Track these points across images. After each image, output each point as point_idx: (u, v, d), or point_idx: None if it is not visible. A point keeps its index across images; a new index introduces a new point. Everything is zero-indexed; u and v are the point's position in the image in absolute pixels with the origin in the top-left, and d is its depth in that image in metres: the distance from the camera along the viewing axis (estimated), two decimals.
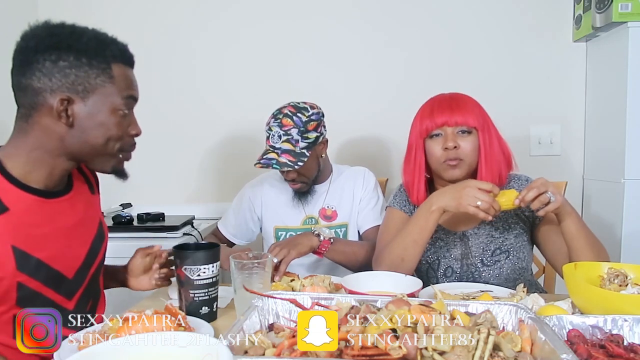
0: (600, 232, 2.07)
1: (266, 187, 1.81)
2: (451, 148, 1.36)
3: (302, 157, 1.57)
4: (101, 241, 1.20)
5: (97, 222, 1.21)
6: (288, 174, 1.64)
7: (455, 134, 1.38)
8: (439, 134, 1.39)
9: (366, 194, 1.74)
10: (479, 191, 1.24)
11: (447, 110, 1.39)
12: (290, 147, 1.57)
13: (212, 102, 2.40)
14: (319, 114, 1.65)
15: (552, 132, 2.28)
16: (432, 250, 1.46)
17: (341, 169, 1.82)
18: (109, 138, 1.04)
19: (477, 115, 1.39)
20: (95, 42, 1.03)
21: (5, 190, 0.98)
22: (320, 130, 1.65)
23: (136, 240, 1.97)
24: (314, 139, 1.61)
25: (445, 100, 1.42)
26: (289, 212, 1.76)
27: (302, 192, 1.72)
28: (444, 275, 1.44)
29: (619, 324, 0.87)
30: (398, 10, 2.30)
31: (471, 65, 2.28)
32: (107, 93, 1.02)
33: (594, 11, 2.03)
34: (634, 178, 1.92)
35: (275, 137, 1.59)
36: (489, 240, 1.43)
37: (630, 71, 1.90)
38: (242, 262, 1.11)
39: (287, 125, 1.58)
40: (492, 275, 1.41)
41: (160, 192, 2.43)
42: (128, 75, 1.09)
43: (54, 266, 1.04)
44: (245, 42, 2.37)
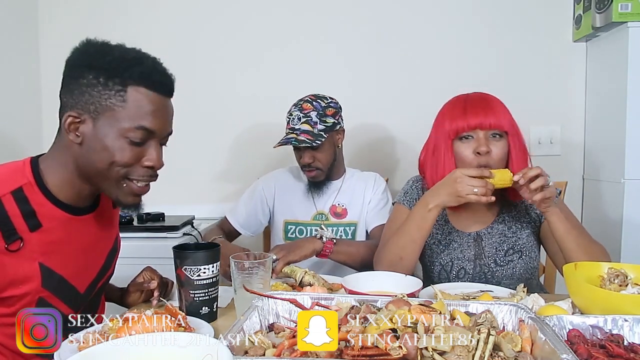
0: (600, 232, 2.08)
1: (280, 180, 1.86)
2: (484, 153, 1.31)
3: (319, 138, 1.66)
4: (114, 255, 1.20)
5: (114, 237, 1.21)
6: (305, 157, 1.70)
7: (487, 138, 1.33)
8: (470, 136, 1.34)
9: (376, 196, 1.79)
10: (471, 179, 1.24)
11: (481, 112, 1.33)
12: (309, 127, 1.66)
13: (213, 103, 2.40)
14: (337, 104, 1.76)
15: (552, 132, 2.27)
16: (446, 253, 1.45)
17: (353, 172, 1.88)
18: (112, 163, 0.99)
19: (509, 118, 1.35)
20: (117, 62, 0.98)
21: (41, 205, 0.99)
22: (337, 119, 1.73)
23: (136, 240, 1.97)
24: (331, 124, 1.70)
25: (478, 101, 1.36)
26: (300, 207, 1.80)
27: (316, 184, 1.76)
28: (457, 277, 1.43)
29: (619, 324, 0.87)
30: (398, 10, 2.30)
31: (471, 65, 2.28)
32: (116, 117, 0.97)
33: (594, 11, 2.03)
34: (634, 178, 1.92)
35: (295, 120, 1.69)
36: (501, 240, 1.42)
37: (630, 71, 1.90)
38: (242, 262, 1.11)
39: (307, 109, 1.69)
40: (505, 275, 1.40)
41: (160, 192, 2.42)
42: (150, 101, 0.99)
43: (72, 282, 1.05)
44: (245, 42, 2.37)
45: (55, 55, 2.41)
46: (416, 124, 1.63)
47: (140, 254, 1.91)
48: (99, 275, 1.13)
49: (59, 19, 2.41)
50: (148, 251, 1.91)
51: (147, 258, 1.87)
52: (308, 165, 1.71)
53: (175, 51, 2.40)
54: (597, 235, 1.33)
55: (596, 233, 1.34)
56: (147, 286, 1.21)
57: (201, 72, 2.40)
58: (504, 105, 1.38)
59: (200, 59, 2.40)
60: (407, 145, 2.30)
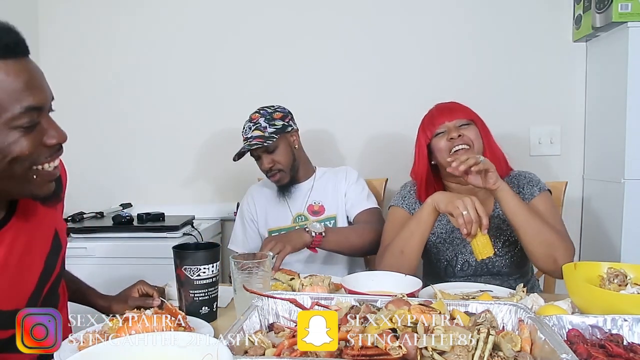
0: (600, 232, 2.09)
1: (256, 194, 1.92)
2: (455, 137, 1.47)
3: (270, 138, 1.71)
4: (57, 254, 1.06)
5: (52, 235, 1.04)
6: (264, 162, 1.75)
7: (457, 127, 1.49)
8: (442, 131, 1.50)
9: (350, 186, 1.84)
10: (474, 207, 1.26)
11: (445, 111, 1.54)
12: (259, 133, 1.73)
13: (213, 103, 2.40)
14: (285, 109, 1.80)
15: (552, 132, 2.27)
16: (451, 249, 1.54)
17: (324, 170, 1.92)
18: (12, 160, 0.82)
19: (472, 112, 1.54)
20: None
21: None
22: (287, 121, 1.78)
23: (136, 240, 1.98)
24: (281, 126, 1.75)
25: (442, 105, 1.57)
26: (277, 213, 1.85)
27: (284, 187, 1.81)
28: (461, 270, 1.52)
29: (619, 323, 0.87)
30: (396, 12, 2.30)
31: (471, 65, 2.27)
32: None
33: (594, 11, 2.03)
34: (634, 178, 1.92)
35: (247, 130, 1.75)
36: (499, 232, 1.49)
37: (630, 71, 1.90)
38: (242, 262, 1.11)
39: (255, 118, 1.76)
40: (504, 264, 1.50)
41: (160, 192, 2.43)
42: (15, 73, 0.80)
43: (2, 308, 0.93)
44: (245, 43, 2.37)
45: (55, 55, 2.43)
46: (416, 123, 1.63)
47: (140, 254, 1.92)
48: (40, 283, 1.01)
49: (59, 19, 2.41)
50: (148, 251, 1.91)
51: (147, 258, 1.89)
52: (270, 170, 1.77)
53: (175, 51, 2.41)
54: (597, 235, 1.34)
55: (596, 233, 1.34)
56: (149, 303, 1.14)
57: (201, 72, 2.40)
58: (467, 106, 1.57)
59: (200, 58, 2.40)
60: (407, 145, 2.30)
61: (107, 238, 1.99)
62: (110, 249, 1.96)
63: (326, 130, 1.75)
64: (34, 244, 0.99)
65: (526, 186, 1.51)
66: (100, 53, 2.43)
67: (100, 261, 1.92)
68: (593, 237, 2.15)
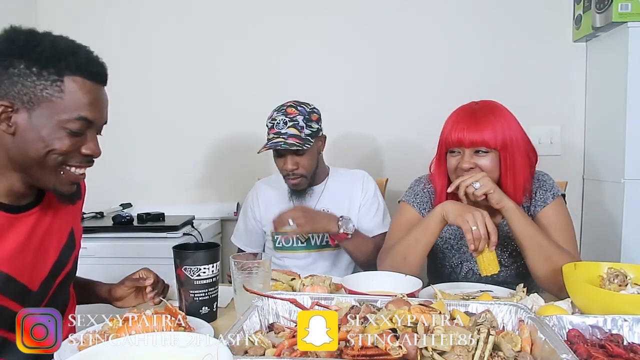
0: (600, 232, 2.09)
1: (262, 193, 1.83)
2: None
3: (307, 142, 1.61)
4: (71, 251, 1.15)
5: (68, 231, 1.15)
6: (289, 163, 1.63)
7: (472, 154, 1.35)
8: (457, 151, 1.37)
9: (366, 200, 1.74)
10: (484, 223, 1.24)
11: (465, 128, 1.33)
12: (296, 132, 1.60)
13: (213, 103, 2.40)
14: (319, 111, 1.70)
15: (552, 132, 2.27)
16: (457, 256, 1.50)
17: (338, 171, 1.82)
18: (49, 151, 0.96)
19: (498, 133, 1.33)
20: (51, 52, 0.95)
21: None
22: (320, 125, 1.69)
23: (136, 240, 1.98)
24: (316, 129, 1.66)
25: (466, 115, 1.36)
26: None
27: (298, 191, 1.71)
28: (465, 277, 1.47)
29: (619, 323, 0.87)
30: (397, 11, 2.30)
31: (471, 65, 2.28)
32: (54, 108, 0.95)
33: (594, 11, 2.03)
34: (634, 178, 1.92)
35: (281, 124, 1.61)
36: (506, 242, 1.44)
37: (630, 71, 1.90)
38: (242, 262, 1.11)
39: (292, 113, 1.62)
40: (509, 274, 1.44)
41: (160, 192, 2.43)
42: (88, 91, 0.98)
43: (21, 280, 1.01)
44: (244, 43, 2.37)
45: None
46: (416, 124, 1.63)
47: (140, 254, 1.92)
48: (53, 271, 1.09)
49: (59, 19, 2.41)
50: (148, 251, 1.92)
51: (147, 258, 1.88)
52: (291, 172, 1.65)
53: (175, 52, 2.41)
54: (597, 235, 1.33)
55: (596, 233, 1.34)
56: (142, 282, 1.20)
57: (201, 72, 2.40)
58: (501, 117, 1.37)
59: (200, 59, 2.40)
60: (407, 145, 2.30)
61: (107, 238, 1.99)
62: (110, 249, 1.96)
63: (326, 131, 1.76)
64: (52, 233, 1.09)
65: (539, 191, 1.42)
66: (99, 51, 2.41)
67: (100, 261, 1.91)
68: (593, 237, 2.15)
